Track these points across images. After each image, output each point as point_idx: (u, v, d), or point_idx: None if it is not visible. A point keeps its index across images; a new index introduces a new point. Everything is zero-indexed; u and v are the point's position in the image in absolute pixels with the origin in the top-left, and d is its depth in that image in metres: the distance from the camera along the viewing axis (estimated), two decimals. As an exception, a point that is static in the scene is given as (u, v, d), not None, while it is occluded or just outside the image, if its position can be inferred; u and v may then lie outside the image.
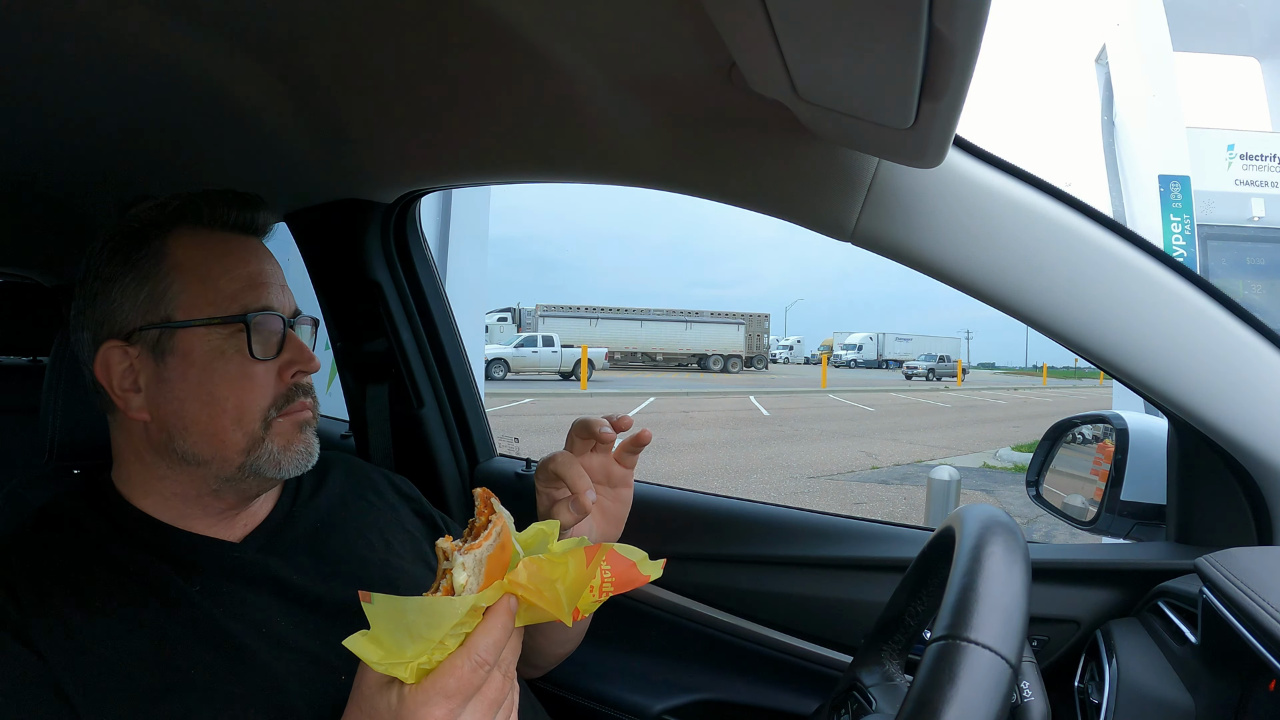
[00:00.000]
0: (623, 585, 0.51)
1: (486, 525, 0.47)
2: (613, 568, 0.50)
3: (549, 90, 0.72)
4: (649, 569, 0.52)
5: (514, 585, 0.46)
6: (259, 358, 0.61)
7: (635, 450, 0.72)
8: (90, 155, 1.08)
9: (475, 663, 0.43)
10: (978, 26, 0.35)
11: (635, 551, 0.52)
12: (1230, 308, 0.70)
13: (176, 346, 0.60)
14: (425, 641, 0.43)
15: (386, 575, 0.68)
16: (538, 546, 0.51)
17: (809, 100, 0.52)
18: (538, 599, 0.46)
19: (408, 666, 0.43)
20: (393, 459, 1.24)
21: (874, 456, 8.42)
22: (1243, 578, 0.58)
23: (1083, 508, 0.93)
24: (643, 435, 0.71)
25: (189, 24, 0.71)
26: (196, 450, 0.60)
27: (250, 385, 0.61)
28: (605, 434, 0.69)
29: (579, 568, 0.48)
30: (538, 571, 0.47)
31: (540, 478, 0.71)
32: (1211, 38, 6.71)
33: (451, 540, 0.45)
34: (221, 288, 0.62)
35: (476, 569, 0.44)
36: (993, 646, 0.43)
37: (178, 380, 0.60)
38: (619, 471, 0.73)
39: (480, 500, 0.48)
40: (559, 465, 0.68)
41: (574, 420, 0.71)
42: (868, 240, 0.71)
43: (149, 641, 0.54)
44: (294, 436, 0.63)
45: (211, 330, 0.61)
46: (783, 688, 1.00)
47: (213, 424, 0.60)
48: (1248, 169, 6.17)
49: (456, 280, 4.46)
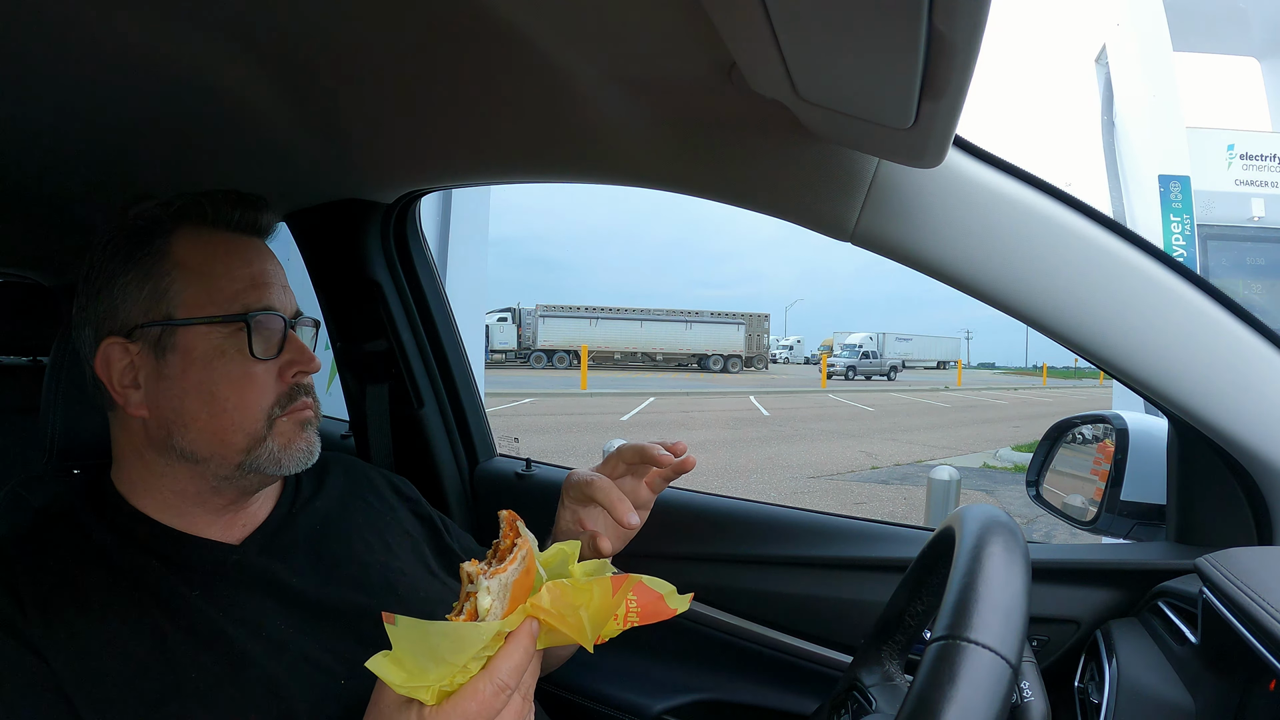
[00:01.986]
0: (648, 617, 0.50)
1: (512, 548, 0.46)
2: (639, 599, 0.50)
3: (549, 90, 0.72)
4: (676, 603, 0.51)
5: (537, 609, 0.46)
6: (259, 357, 0.61)
7: (677, 475, 0.72)
8: (90, 155, 1.08)
9: (497, 686, 0.44)
10: (978, 26, 0.35)
11: (663, 585, 0.51)
12: (1230, 308, 0.70)
13: (177, 344, 0.60)
14: (448, 665, 0.43)
15: (385, 577, 0.68)
16: (557, 565, 0.51)
17: (809, 100, 0.52)
18: (560, 624, 0.46)
19: (429, 689, 0.43)
20: (393, 459, 1.24)
21: (874, 456, 8.42)
22: (1243, 578, 0.58)
23: (1083, 508, 0.93)
24: (687, 462, 0.71)
25: (189, 24, 0.71)
26: (195, 448, 0.60)
27: (251, 384, 0.61)
28: (663, 456, 0.69)
29: (604, 596, 0.48)
30: (561, 597, 0.46)
31: (571, 495, 0.71)
32: (1211, 38, 6.71)
33: (477, 563, 0.45)
34: (223, 287, 0.62)
35: (501, 594, 0.44)
36: (993, 646, 0.43)
37: (177, 377, 0.60)
38: (645, 496, 0.73)
39: (506, 523, 0.48)
40: (598, 491, 0.68)
41: (621, 445, 0.72)
42: (868, 240, 0.71)
43: (150, 646, 0.54)
44: (295, 435, 0.63)
45: (213, 329, 0.61)
46: (783, 688, 1.00)
47: (213, 422, 0.60)
48: (1248, 169, 6.17)
49: (456, 280, 4.45)
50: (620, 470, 0.72)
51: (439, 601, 0.70)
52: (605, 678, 1.07)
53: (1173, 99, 5.94)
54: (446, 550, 0.79)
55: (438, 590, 0.72)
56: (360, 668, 0.59)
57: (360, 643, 0.62)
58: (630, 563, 0.99)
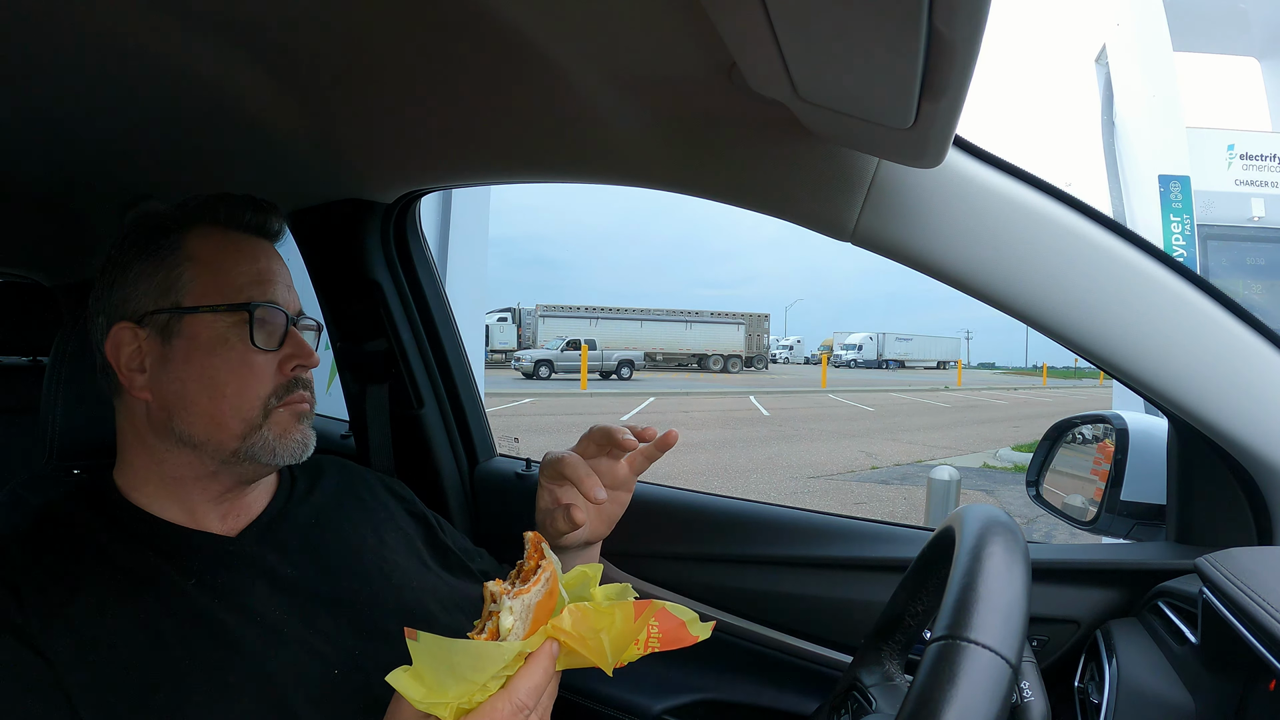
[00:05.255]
0: (670, 644, 0.51)
1: (536, 570, 0.47)
2: (661, 625, 0.50)
3: (549, 90, 0.72)
4: (698, 630, 0.51)
5: (558, 631, 0.46)
6: (260, 347, 0.64)
7: (660, 452, 0.74)
8: (90, 156, 1.08)
9: (515, 707, 0.44)
10: (978, 26, 0.35)
11: (686, 611, 0.52)
12: (1230, 308, 0.70)
13: (184, 330, 0.63)
14: (468, 683, 0.43)
15: (380, 568, 0.69)
16: (579, 587, 0.51)
17: (809, 100, 0.52)
18: (581, 647, 0.47)
19: (448, 706, 0.43)
20: (392, 459, 1.24)
21: (874, 456, 8.42)
22: (1243, 578, 0.58)
23: (1083, 508, 0.93)
24: (669, 437, 0.73)
25: (188, 25, 0.71)
26: (193, 431, 0.62)
27: (250, 373, 0.63)
28: (627, 440, 0.71)
29: (626, 621, 0.48)
30: (583, 619, 0.47)
31: (546, 474, 0.73)
32: (1211, 38, 6.71)
33: (501, 583, 0.45)
34: (231, 280, 0.65)
35: (524, 614, 0.45)
36: (993, 646, 0.43)
37: (181, 362, 0.62)
38: (623, 475, 0.75)
39: (531, 545, 0.49)
40: (567, 466, 0.71)
41: (592, 426, 0.73)
42: (868, 240, 0.71)
43: (146, 636, 0.54)
44: (291, 426, 0.65)
45: (218, 317, 0.63)
46: (783, 688, 1.00)
47: (212, 406, 0.62)
48: (1248, 169, 6.16)
49: (456, 280, 4.45)
50: (592, 450, 0.73)
51: (432, 593, 0.71)
52: (605, 678, 1.06)
53: (1173, 99, 5.95)
54: (440, 546, 0.80)
55: (431, 582, 0.73)
56: (354, 656, 0.60)
57: (355, 632, 0.63)
58: (631, 562, 0.99)
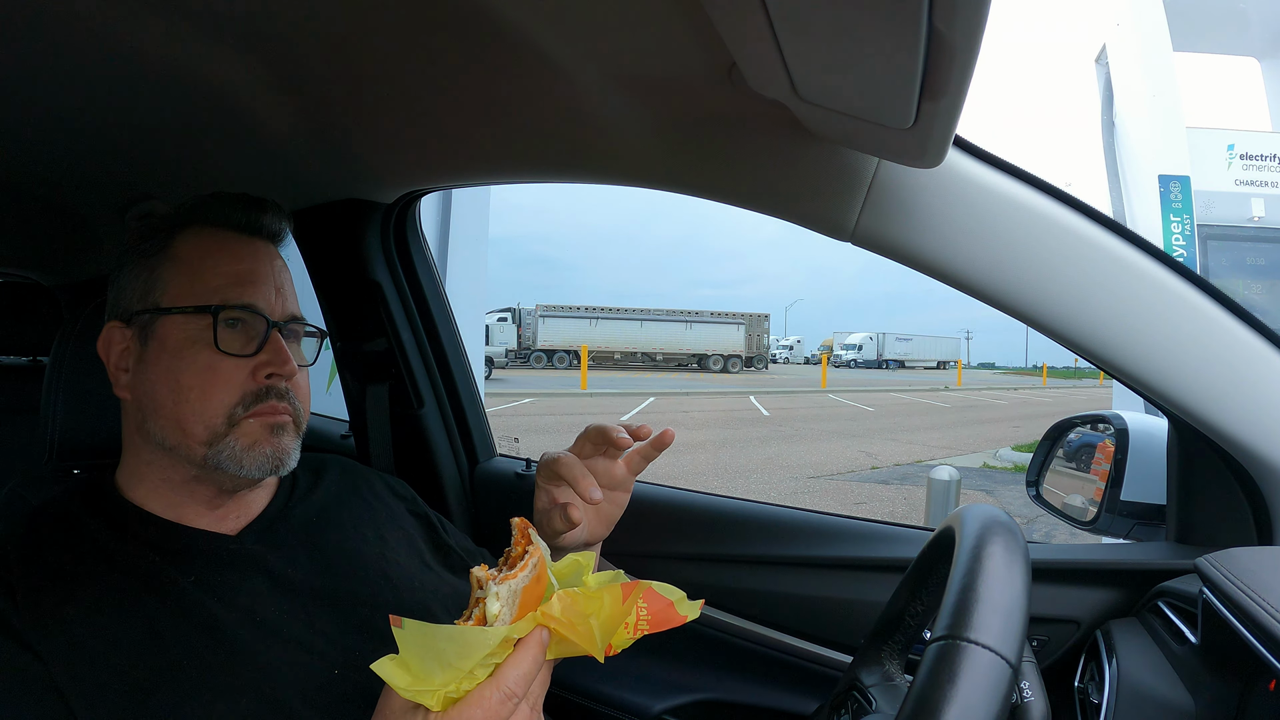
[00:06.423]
0: (659, 624, 0.50)
1: (523, 555, 0.46)
2: (649, 606, 0.50)
3: (549, 90, 0.72)
4: (686, 609, 0.51)
5: (547, 618, 0.45)
6: (225, 351, 0.62)
7: (657, 452, 0.73)
8: (91, 156, 1.08)
9: (503, 695, 0.43)
10: (978, 26, 0.35)
11: (673, 591, 0.51)
12: (1230, 308, 0.70)
13: (158, 331, 0.62)
14: (454, 670, 0.42)
15: (381, 568, 0.69)
16: (572, 576, 0.50)
17: (809, 100, 0.52)
18: (570, 633, 0.46)
19: (435, 694, 0.42)
20: (392, 459, 1.24)
21: (874, 456, 8.41)
22: (1243, 578, 0.58)
23: (1083, 508, 0.93)
24: (665, 435, 0.72)
25: (189, 25, 0.71)
26: (164, 434, 0.61)
27: (214, 377, 0.61)
28: (622, 439, 0.70)
29: (614, 604, 0.48)
30: (572, 605, 0.46)
31: (542, 475, 0.72)
32: (1211, 38, 6.71)
33: (486, 569, 0.45)
34: (207, 281, 0.64)
35: (511, 600, 0.44)
36: (993, 646, 0.43)
37: (153, 363, 0.62)
38: (620, 475, 0.74)
39: (518, 530, 0.48)
40: (562, 466, 0.70)
41: (588, 425, 0.72)
42: (868, 240, 0.71)
43: (143, 634, 0.54)
44: (261, 438, 0.62)
45: (187, 319, 0.62)
46: (783, 688, 1.00)
47: (176, 410, 0.61)
48: (1248, 169, 6.17)
49: (456, 280, 4.45)
50: (588, 450, 0.72)
51: (434, 593, 0.71)
52: (605, 678, 1.07)
53: (1173, 99, 5.95)
54: (443, 546, 0.80)
55: (433, 582, 0.72)
56: (354, 655, 0.60)
57: (355, 631, 0.62)
58: (631, 563, 0.99)
